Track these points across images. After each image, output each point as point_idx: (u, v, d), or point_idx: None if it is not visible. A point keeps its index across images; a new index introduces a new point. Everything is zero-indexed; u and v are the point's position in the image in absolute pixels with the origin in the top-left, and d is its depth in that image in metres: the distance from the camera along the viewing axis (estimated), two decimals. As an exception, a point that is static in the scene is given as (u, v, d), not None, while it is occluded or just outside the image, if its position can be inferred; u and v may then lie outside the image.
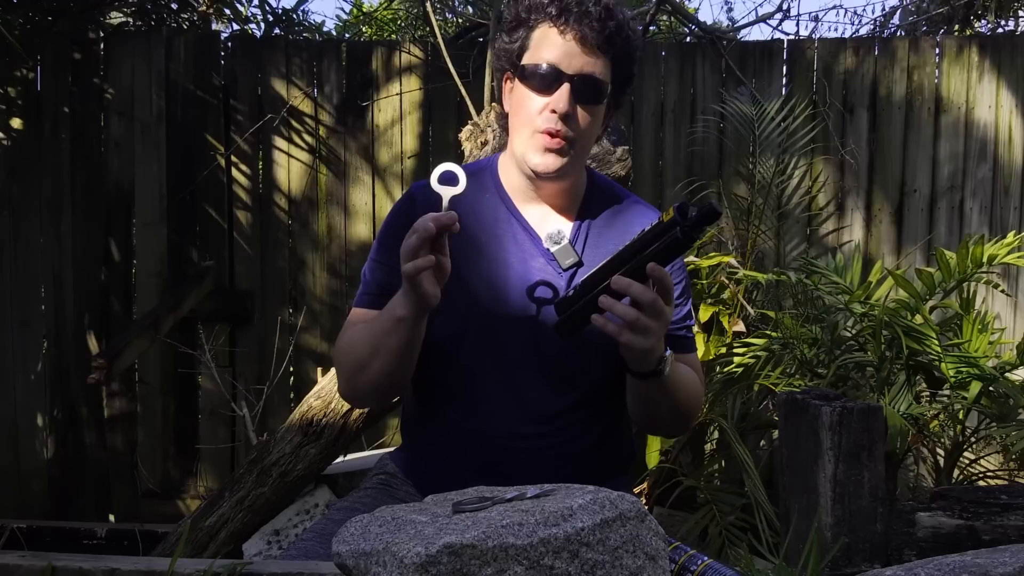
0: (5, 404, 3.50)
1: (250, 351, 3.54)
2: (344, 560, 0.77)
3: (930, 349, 2.33)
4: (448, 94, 3.49)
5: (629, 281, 1.19)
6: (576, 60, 1.35)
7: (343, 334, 1.45)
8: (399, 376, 1.41)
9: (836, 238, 3.55)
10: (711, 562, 0.95)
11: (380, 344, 1.33)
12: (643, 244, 1.20)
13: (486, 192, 1.46)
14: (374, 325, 1.35)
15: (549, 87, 1.36)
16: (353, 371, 1.41)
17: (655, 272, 1.18)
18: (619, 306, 1.20)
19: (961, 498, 1.27)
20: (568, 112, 1.35)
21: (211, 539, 2.39)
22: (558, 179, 1.41)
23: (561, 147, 1.37)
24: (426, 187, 1.42)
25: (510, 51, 1.42)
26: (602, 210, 1.48)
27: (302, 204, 3.57)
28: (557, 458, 1.41)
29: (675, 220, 1.16)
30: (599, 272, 1.24)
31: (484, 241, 1.43)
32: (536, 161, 1.38)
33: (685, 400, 1.41)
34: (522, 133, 1.40)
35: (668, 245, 1.18)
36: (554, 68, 1.36)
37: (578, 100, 1.36)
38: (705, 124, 3.50)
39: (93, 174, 3.52)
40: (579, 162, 1.44)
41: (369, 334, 1.36)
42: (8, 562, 0.90)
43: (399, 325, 1.29)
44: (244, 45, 3.69)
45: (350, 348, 1.41)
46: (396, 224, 1.43)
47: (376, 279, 1.44)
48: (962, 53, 3.54)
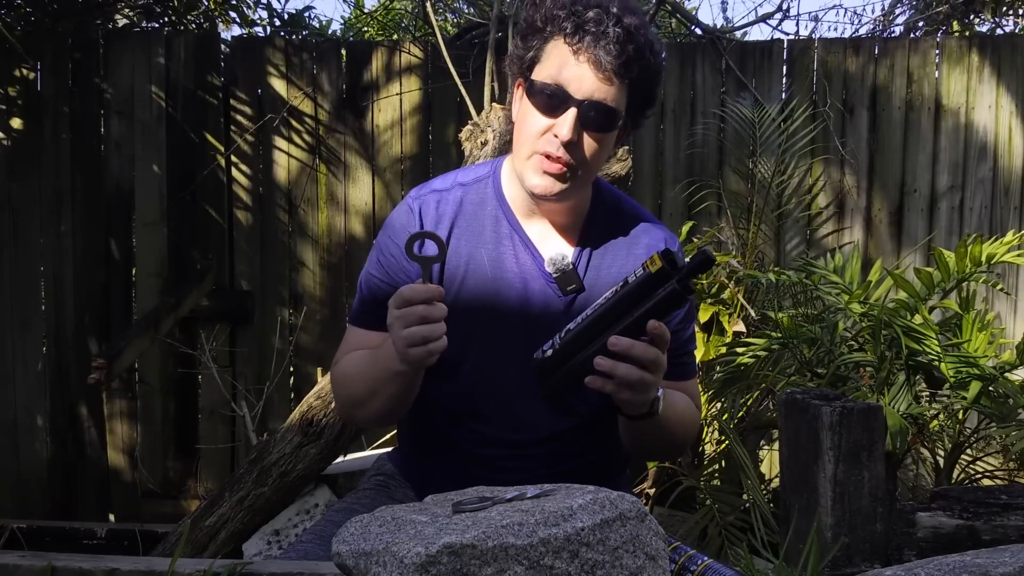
0: (5, 404, 3.50)
1: (250, 351, 3.54)
2: (344, 560, 0.77)
3: (929, 349, 2.33)
4: (448, 94, 3.49)
5: (630, 342, 1.12)
6: (587, 84, 1.26)
7: (340, 360, 1.41)
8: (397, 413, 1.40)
9: (836, 238, 3.55)
10: (711, 562, 0.95)
11: (377, 389, 1.30)
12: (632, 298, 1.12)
13: (487, 205, 1.39)
14: (372, 366, 1.30)
15: (554, 110, 1.27)
16: (350, 405, 1.40)
17: (657, 331, 1.13)
18: (622, 368, 1.13)
19: (961, 498, 1.27)
20: (571, 140, 1.27)
21: (211, 539, 2.39)
22: (557, 202, 1.34)
23: (561, 172, 1.29)
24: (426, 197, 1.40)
25: (522, 59, 1.33)
26: (606, 230, 1.41)
27: (302, 204, 3.57)
28: (552, 476, 1.40)
29: (666, 271, 1.09)
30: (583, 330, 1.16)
31: (485, 260, 1.37)
32: (534, 182, 1.31)
33: (680, 432, 1.37)
34: (522, 150, 1.32)
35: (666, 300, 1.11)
36: (562, 90, 1.26)
37: (585, 127, 1.27)
38: (705, 124, 3.50)
39: (93, 174, 3.52)
40: (582, 188, 1.36)
41: (368, 374, 1.31)
42: (8, 562, 0.90)
43: (397, 376, 1.25)
44: (244, 45, 3.69)
45: (347, 382, 1.38)
46: (396, 240, 1.37)
47: (373, 295, 1.39)
48: (962, 53, 3.54)
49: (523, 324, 1.35)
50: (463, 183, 1.42)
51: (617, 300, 1.13)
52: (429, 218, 1.38)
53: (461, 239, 1.38)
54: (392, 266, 1.38)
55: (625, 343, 1.12)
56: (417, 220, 1.37)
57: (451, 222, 1.38)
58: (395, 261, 1.38)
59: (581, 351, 1.16)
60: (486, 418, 1.38)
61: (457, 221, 1.38)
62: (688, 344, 1.45)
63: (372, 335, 1.36)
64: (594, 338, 1.15)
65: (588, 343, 1.15)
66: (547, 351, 1.18)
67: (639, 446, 1.39)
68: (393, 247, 1.38)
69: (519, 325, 1.35)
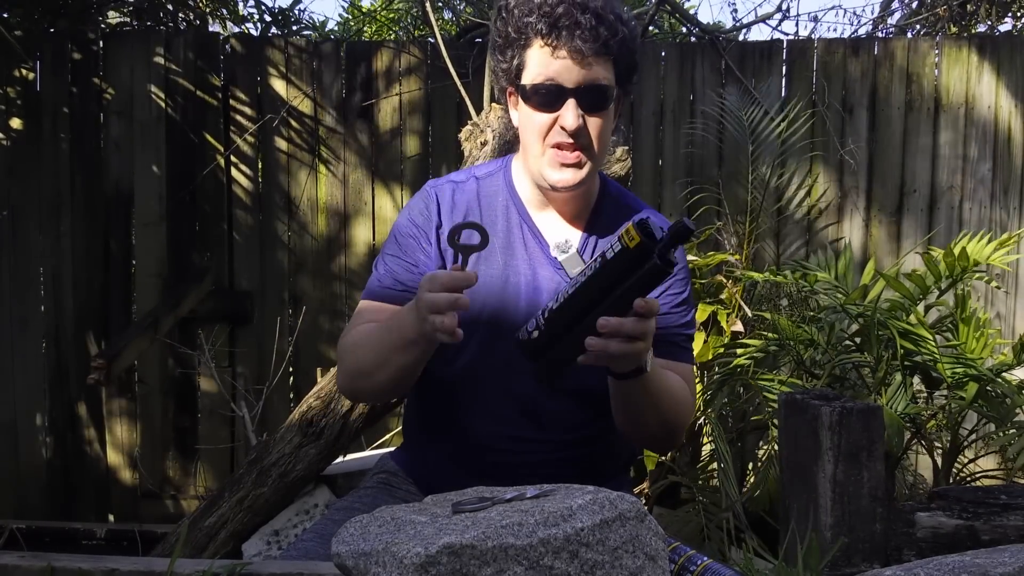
0: (4, 404, 3.50)
1: (250, 351, 3.54)
2: (344, 560, 0.78)
3: (926, 349, 2.33)
4: (448, 94, 3.49)
5: (619, 321, 1.13)
6: (576, 72, 1.33)
7: (350, 328, 1.43)
8: (403, 388, 1.43)
9: (834, 237, 3.55)
10: (710, 562, 0.95)
11: (388, 359, 1.32)
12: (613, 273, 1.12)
13: (499, 196, 1.46)
14: (383, 336, 1.33)
15: (553, 104, 1.34)
16: (356, 374, 1.41)
17: (644, 308, 1.14)
18: (613, 345, 1.15)
19: (960, 498, 1.27)
20: (579, 126, 1.34)
21: (210, 539, 2.39)
22: (576, 190, 1.40)
23: (579, 160, 1.36)
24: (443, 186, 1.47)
25: (507, 70, 1.39)
26: (612, 218, 1.46)
27: (302, 204, 3.57)
28: (557, 462, 1.41)
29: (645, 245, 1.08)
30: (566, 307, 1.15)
31: (496, 247, 1.42)
32: (556, 177, 1.37)
33: (672, 408, 1.37)
34: (534, 150, 1.38)
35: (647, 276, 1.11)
36: (555, 85, 1.33)
37: (586, 111, 1.35)
38: (704, 124, 3.50)
39: (92, 174, 3.51)
40: (597, 168, 1.43)
41: (377, 344, 1.34)
42: (7, 562, 0.90)
43: (411, 346, 1.27)
44: (244, 45, 3.69)
45: (355, 350, 1.39)
46: (415, 223, 1.44)
47: (391, 271, 1.43)
48: (961, 53, 3.54)
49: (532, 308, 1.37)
50: (478, 176, 1.49)
51: (597, 275, 1.13)
52: (446, 205, 1.45)
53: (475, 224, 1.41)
54: (409, 246, 1.44)
55: (614, 323, 1.14)
56: (435, 204, 1.44)
57: (465, 210, 1.44)
58: (412, 241, 1.44)
59: (569, 331, 1.16)
60: (489, 402, 1.41)
61: (471, 210, 1.45)
62: (686, 328, 1.46)
63: (386, 308, 1.39)
64: (578, 315, 1.15)
65: (573, 321, 1.16)
66: (532, 331, 1.19)
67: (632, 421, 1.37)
68: (410, 227, 1.44)
69: (527, 310, 1.39)
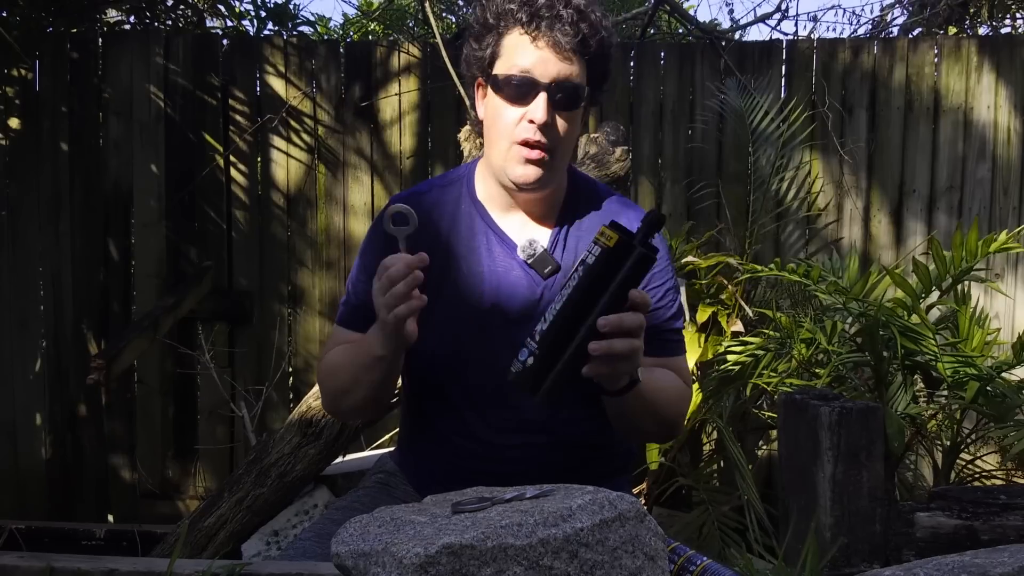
0: (4, 404, 3.50)
1: (249, 351, 3.54)
2: (343, 560, 0.77)
3: (927, 349, 2.33)
4: (447, 94, 3.49)
5: (618, 317, 1.12)
6: (551, 67, 1.31)
7: (325, 355, 1.45)
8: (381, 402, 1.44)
9: (834, 237, 3.55)
10: (710, 563, 0.95)
11: (360, 377, 1.33)
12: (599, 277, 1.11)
13: (461, 204, 1.43)
14: (354, 357, 1.34)
15: (524, 97, 1.32)
16: (335, 396, 1.44)
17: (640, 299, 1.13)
18: (617, 344, 1.13)
19: (960, 498, 1.27)
20: (547, 121, 1.31)
21: (210, 540, 2.39)
22: (539, 189, 1.37)
23: (541, 158, 1.33)
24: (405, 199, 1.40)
25: (480, 59, 1.37)
26: (582, 213, 1.44)
27: (301, 204, 3.57)
28: (556, 463, 1.40)
29: (624, 240, 1.09)
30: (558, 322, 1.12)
31: (462, 255, 1.40)
32: (517, 173, 1.34)
33: (668, 407, 1.36)
34: (499, 145, 1.36)
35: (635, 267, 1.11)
36: (529, 77, 1.31)
37: (556, 108, 1.32)
38: (704, 123, 3.50)
39: (92, 174, 3.51)
40: (560, 171, 1.40)
41: (350, 365, 1.35)
42: (7, 563, 0.90)
43: (378, 362, 1.28)
44: (243, 45, 3.69)
45: (331, 374, 1.42)
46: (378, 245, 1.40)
47: (359, 297, 1.41)
48: (961, 53, 3.54)
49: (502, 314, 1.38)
50: (439, 185, 1.48)
51: (583, 282, 1.12)
52: None
53: (437, 237, 1.41)
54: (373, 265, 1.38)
55: (614, 319, 1.12)
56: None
57: (426, 219, 1.40)
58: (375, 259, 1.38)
59: (565, 348, 1.13)
60: (478, 410, 1.40)
61: (431, 219, 1.42)
62: (673, 321, 1.44)
63: (355, 335, 1.38)
64: (572, 327, 1.13)
65: (567, 335, 1.13)
66: (525, 360, 1.13)
67: (629, 426, 1.37)
68: (372, 246, 1.42)
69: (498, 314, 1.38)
